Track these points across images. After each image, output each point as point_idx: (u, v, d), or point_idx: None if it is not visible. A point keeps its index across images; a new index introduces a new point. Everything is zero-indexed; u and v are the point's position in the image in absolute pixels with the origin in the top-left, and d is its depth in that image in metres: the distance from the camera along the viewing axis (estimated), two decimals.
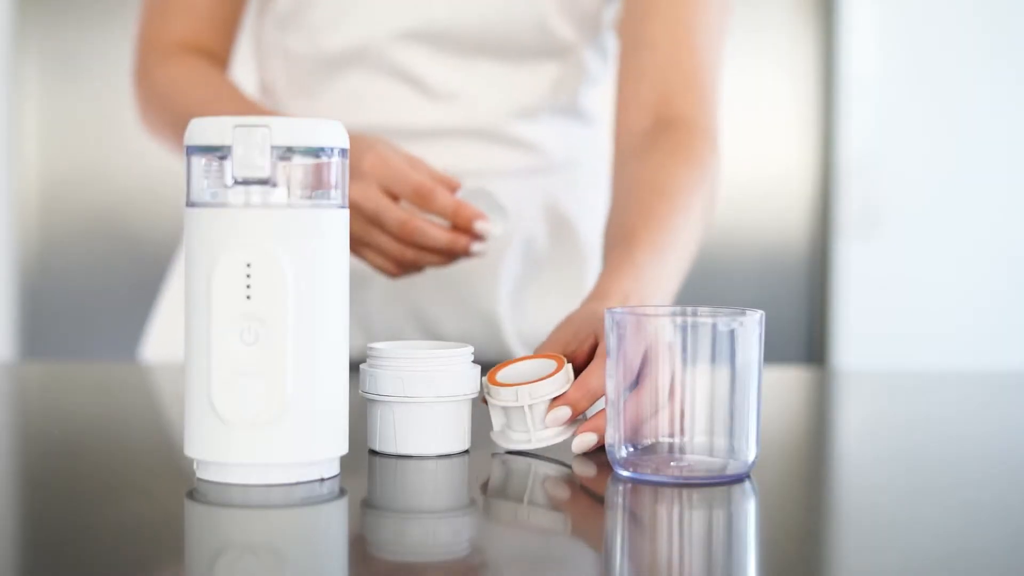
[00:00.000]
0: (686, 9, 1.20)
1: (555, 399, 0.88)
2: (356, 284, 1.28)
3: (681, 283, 1.13)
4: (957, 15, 2.92)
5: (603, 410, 0.88)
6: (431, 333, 1.30)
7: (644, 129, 1.19)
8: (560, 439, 0.89)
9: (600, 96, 1.33)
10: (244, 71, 1.37)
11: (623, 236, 1.09)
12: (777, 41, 2.96)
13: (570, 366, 0.90)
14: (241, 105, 1.19)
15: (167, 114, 1.27)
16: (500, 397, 0.88)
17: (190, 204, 0.79)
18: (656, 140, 1.17)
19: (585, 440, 0.87)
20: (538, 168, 1.32)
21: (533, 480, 0.85)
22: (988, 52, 2.93)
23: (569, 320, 0.97)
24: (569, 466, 0.86)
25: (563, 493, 0.84)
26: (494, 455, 0.88)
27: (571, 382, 0.89)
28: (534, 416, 0.88)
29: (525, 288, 1.32)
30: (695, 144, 1.17)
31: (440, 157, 1.27)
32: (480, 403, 0.91)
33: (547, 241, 1.33)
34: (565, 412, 0.88)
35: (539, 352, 0.93)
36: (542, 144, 1.31)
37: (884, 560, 0.67)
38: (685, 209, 1.12)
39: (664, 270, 1.07)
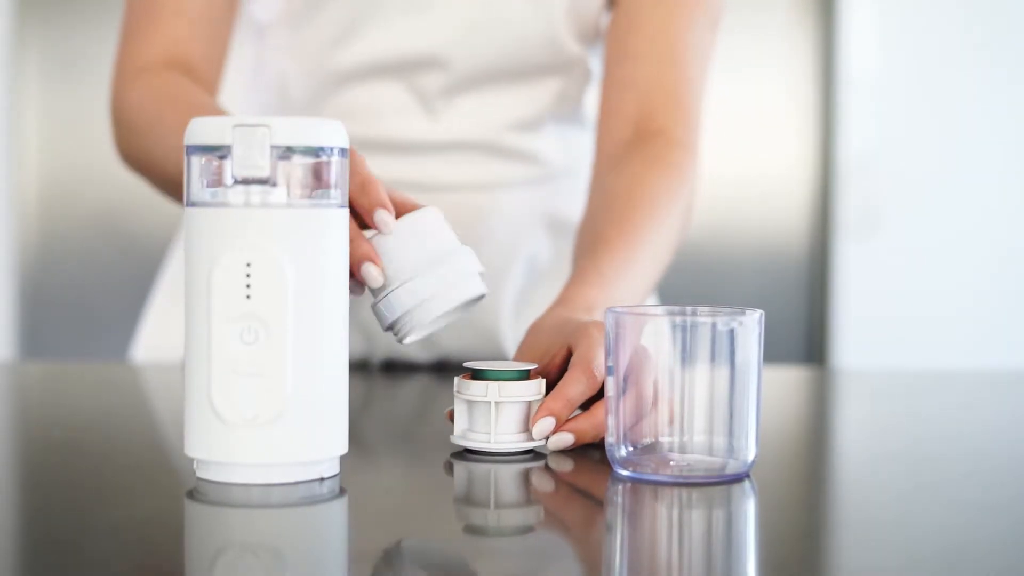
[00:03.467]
0: (674, 23, 1.20)
1: (538, 411, 0.87)
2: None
3: (651, 292, 1.13)
4: (957, 15, 2.92)
5: (580, 413, 0.88)
6: (431, 346, 1.30)
7: (624, 140, 1.19)
8: (519, 447, 0.87)
9: (596, 101, 1.33)
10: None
11: (592, 244, 1.08)
12: (777, 41, 2.96)
13: (543, 380, 0.89)
14: None
15: (136, 144, 1.20)
16: (468, 391, 0.88)
17: (190, 204, 0.79)
18: (635, 151, 1.17)
19: (562, 439, 0.87)
20: (539, 178, 1.31)
21: (533, 480, 0.85)
22: (988, 52, 2.93)
23: (537, 329, 0.96)
24: (568, 465, 0.86)
25: (562, 492, 0.84)
26: (492, 455, 0.88)
27: (542, 393, 0.88)
28: (499, 416, 0.87)
29: (528, 302, 1.31)
30: (674, 155, 1.17)
31: (439, 170, 1.27)
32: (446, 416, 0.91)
33: (550, 253, 1.33)
34: (550, 423, 0.87)
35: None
36: (543, 154, 1.31)
37: (884, 559, 0.67)
38: (659, 219, 1.12)
39: (632, 280, 1.07)
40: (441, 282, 0.86)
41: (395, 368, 1.30)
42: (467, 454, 0.88)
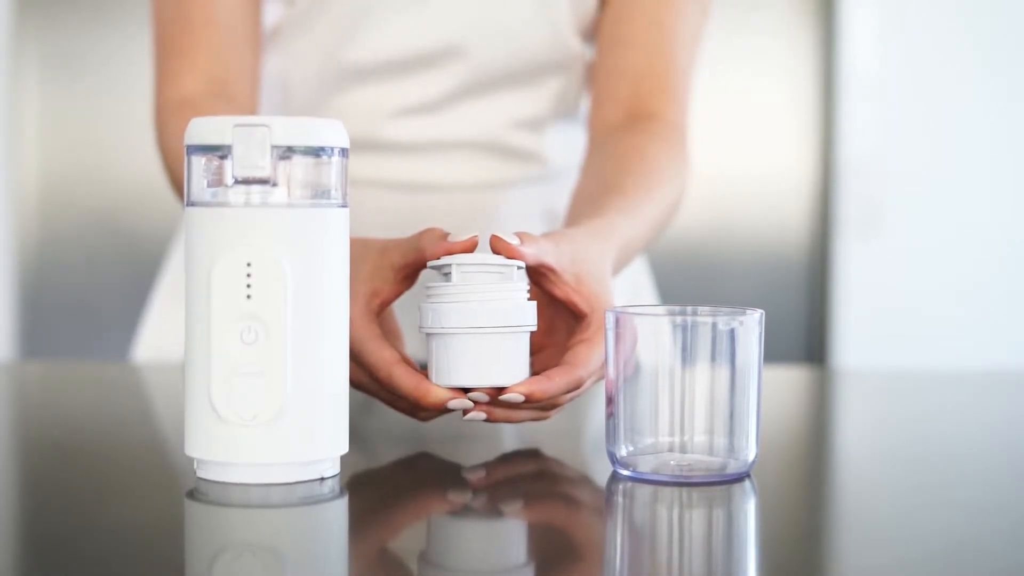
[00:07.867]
0: (665, 13, 1.22)
1: (517, 386, 0.82)
2: None
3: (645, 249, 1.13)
4: (957, 14, 2.92)
5: (537, 376, 0.84)
6: None
7: (618, 122, 1.21)
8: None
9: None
10: None
11: (602, 192, 1.08)
12: (777, 41, 2.96)
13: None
14: None
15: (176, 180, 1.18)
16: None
17: (190, 204, 0.79)
18: (631, 128, 1.20)
19: (513, 397, 0.83)
20: (541, 177, 1.31)
21: (532, 479, 0.85)
22: (988, 51, 2.93)
23: (569, 256, 0.89)
24: (568, 465, 0.86)
25: (563, 492, 0.84)
26: (490, 451, 0.88)
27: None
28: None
29: None
30: (668, 134, 1.20)
31: (442, 170, 1.26)
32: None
33: None
34: (517, 398, 0.82)
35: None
36: (545, 153, 1.31)
37: (884, 560, 0.67)
38: (663, 182, 1.13)
39: (645, 220, 1.07)
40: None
41: None
42: (466, 454, 0.88)
